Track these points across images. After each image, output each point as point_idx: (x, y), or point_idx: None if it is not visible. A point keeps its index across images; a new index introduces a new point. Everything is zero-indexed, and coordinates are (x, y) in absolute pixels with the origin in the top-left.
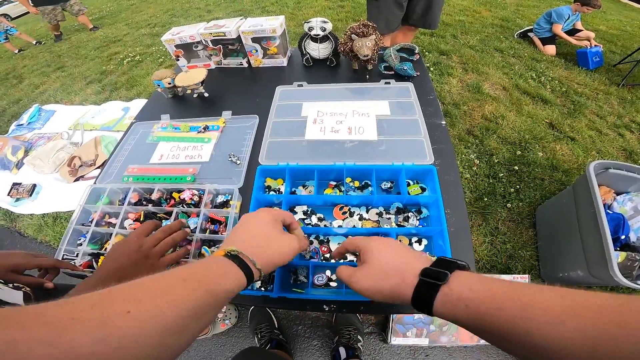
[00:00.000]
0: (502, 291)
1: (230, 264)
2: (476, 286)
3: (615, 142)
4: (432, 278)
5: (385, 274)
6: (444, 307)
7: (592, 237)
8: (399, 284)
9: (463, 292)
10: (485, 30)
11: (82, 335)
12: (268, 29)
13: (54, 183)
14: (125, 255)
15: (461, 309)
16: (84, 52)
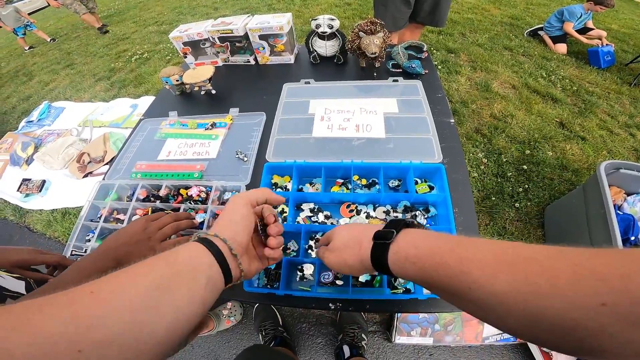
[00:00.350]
0: (446, 247)
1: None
2: (421, 243)
3: (626, 142)
4: (382, 239)
5: (346, 246)
6: (396, 265)
7: (602, 239)
8: (358, 252)
9: (409, 250)
10: (495, 28)
11: (48, 318)
12: (275, 26)
13: (63, 179)
14: (128, 234)
15: (409, 266)
16: (92, 50)
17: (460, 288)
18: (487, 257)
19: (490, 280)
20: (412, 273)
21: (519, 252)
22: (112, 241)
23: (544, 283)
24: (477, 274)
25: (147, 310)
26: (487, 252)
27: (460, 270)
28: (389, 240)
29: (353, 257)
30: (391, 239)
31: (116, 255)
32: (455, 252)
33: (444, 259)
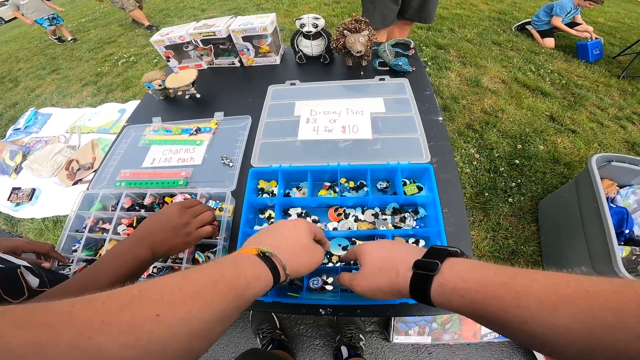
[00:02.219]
0: (498, 279)
1: (263, 267)
2: (468, 275)
3: (617, 134)
4: (424, 269)
5: (380, 272)
6: (441, 297)
7: (595, 232)
8: (394, 280)
9: (457, 282)
10: (483, 23)
11: (111, 340)
12: (259, 27)
13: (53, 187)
14: (164, 220)
15: (457, 298)
16: (78, 54)
17: (515, 322)
18: (545, 291)
19: (551, 315)
20: (458, 305)
21: (582, 285)
22: (148, 227)
23: (610, 316)
24: (534, 308)
25: (203, 339)
26: (546, 286)
27: (516, 304)
28: (434, 272)
29: (388, 284)
30: (436, 271)
31: (152, 243)
32: (510, 285)
33: (497, 292)
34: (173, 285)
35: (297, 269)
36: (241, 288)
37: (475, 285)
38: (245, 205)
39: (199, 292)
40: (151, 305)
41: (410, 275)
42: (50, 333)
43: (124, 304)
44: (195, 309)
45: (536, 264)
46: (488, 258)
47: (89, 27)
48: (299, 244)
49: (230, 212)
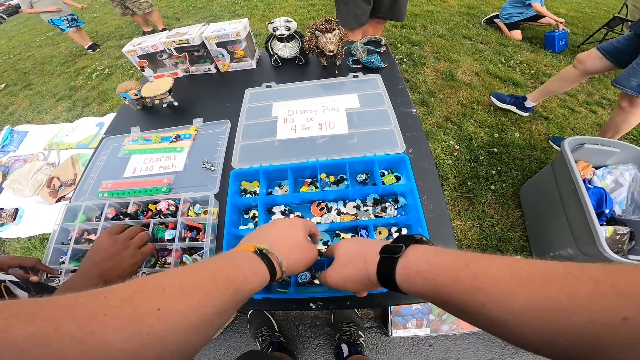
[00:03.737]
0: (458, 263)
1: (259, 263)
2: (432, 259)
3: (588, 118)
4: (390, 253)
5: (350, 261)
6: (404, 280)
7: (576, 214)
8: (362, 267)
9: (420, 265)
10: (453, 18)
11: (113, 333)
12: (232, 33)
13: (36, 205)
14: (103, 249)
15: (419, 281)
16: (49, 68)
17: (474, 305)
18: (502, 273)
19: (506, 296)
20: (421, 289)
21: (537, 268)
22: (91, 259)
23: (564, 298)
24: (491, 290)
25: (200, 333)
26: (503, 268)
27: (473, 286)
28: (398, 254)
29: (357, 272)
30: (400, 253)
31: (101, 271)
32: (469, 267)
33: (457, 274)
34: (174, 280)
35: (293, 265)
36: (239, 283)
37: (438, 268)
38: (228, 207)
39: (198, 287)
40: (152, 299)
41: (377, 261)
42: (54, 326)
43: (126, 297)
44: (194, 303)
45: (524, 249)
46: (476, 247)
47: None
48: (295, 241)
49: (214, 215)
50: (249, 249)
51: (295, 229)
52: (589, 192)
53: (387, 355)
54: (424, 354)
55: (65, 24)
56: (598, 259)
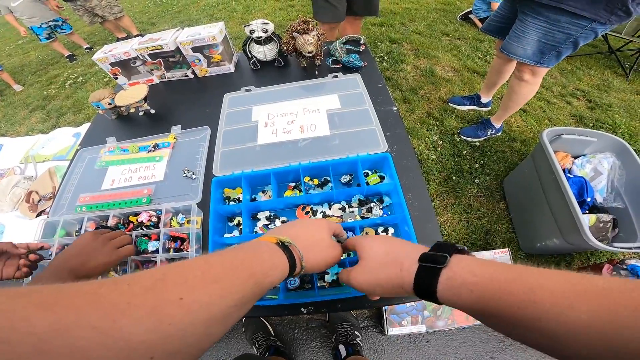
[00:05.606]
0: (507, 275)
1: (281, 255)
2: (479, 270)
3: (564, 109)
4: (432, 262)
5: (382, 265)
6: (448, 292)
7: (559, 203)
8: (397, 273)
9: (466, 277)
10: (431, 15)
11: (134, 323)
12: (207, 37)
13: (17, 221)
14: (77, 247)
15: (465, 293)
16: (20, 78)
17: (527, 319)
18: (561, 287)
19: (566, 311)
20: (466, 301)
21: (595, 282)
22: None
23: (627, 313)
24: (548, 304)
25: (220, 325)
26: (561, 282)
27: (528, 299)
28: (442, 264)
29: (390, 279)
30: (445, 264)
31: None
32: (523, 280)
33: (509, 287)
34: (196, 269)
35: (314, 261)
36: (260, 275)
37: (486, 280)
38: (212, 215)
39: (220, 277)
40: (175, 289)
41: (415, 269)
42: (75, 315)
43: (149, 286)
44: (216, 293)
45: (511, 241)
46: (465, 240)
47: (28, 49)
48: (318, 238)
49: (198, 224)
50: (271, 240)
51: (319, 228)
52: (570, 181)
53: (386, 353)
54: (422, 350)
55: (45, 35)
56: (584, 247)
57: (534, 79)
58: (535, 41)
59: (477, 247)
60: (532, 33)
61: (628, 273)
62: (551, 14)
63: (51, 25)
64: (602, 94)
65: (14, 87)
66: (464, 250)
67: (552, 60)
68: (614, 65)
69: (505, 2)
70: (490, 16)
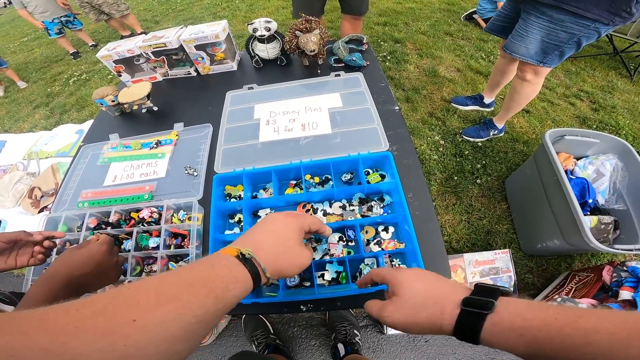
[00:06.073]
0: (561, 318)
1: (241, 268)
2: (529, 314)
3: (567, 110)
4: (476, 307)
5: (421, 306)
6: (494, 337)
7: (560, 204)
8: (438, 316)
9: (515, 321)
10: (434, 15)
11: (85, 345)
12: (210, 35)
13: (19, 217)
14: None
15: (514, 337)
16: (24, 75)
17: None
18: (616, 327)
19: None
20: (515, 344)
21: None
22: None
23: None
24: (605, 345)
25: (185, 342)
26: (615, 323)
27: (585, 342)
28: (488, 310)
29: (429, 320)
30: (491, 309)
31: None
32: (578, 324)
33: (564, 330)
34: (148, 290)
35: (279, 271)
36: (220, 290)
37: (538, 324)
38: (213, 212)
39: (175, 296)
40: (126, 311)
41: (457, 313)
42: (24, 338)
43: (98, 309)
44: (172, 312)
45: (512, 242)
46: (466, 240)
47: (32, 46)
48: (284, 245)
49: (199, 221)
50: (231, 253)
51: (288, 232)
52: (572, 183)
53: (384, 353)
54: (421, 350)
55: (56, 30)
56: (585, 248)
57: (537, 79)
58: (538, 40)
59: (477, 248)
60: (535, 32)
61: (628, 275)
62: (554, 13)
63: (63, 20)
64: (606, 96)
65: (18, 84)
66: (507, 292)
67: (554, 60)
68: (618, 67)
69: (508, 2)
70: (494, 16)
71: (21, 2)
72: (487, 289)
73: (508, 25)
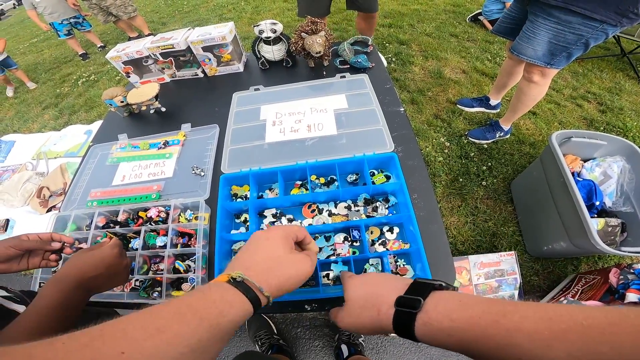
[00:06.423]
0: (485, 318)
1: (235, 292)
2: (456, 314)
3: (574, 112)
4: (407, 307)
5: (362, 309)
6: (426, 336)
7: (567, 207)
8: (376, 317)
9: (443, 322)
10: (439, 17)
11: None
12: (217, 37)
13: (27, 216)
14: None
15: (444, 337)
16: (33, 76)
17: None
18: (538, 327)
19: (544, 351)
20: (446, 343)
21: (575, 319)
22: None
23: (608, 350)
24: (527, 346)
25: None
26: (538, 321)
27: (508, 343)
28: (416, 309)
29: (370, 321)
30: (418, 309)
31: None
32: (500, 323)
33: (488, 331)
34: (136, 321)
35: (279, 286)
36: (213, 317)
37: (463, 325)
38: (219, 212)
39: (164, 326)
40: (114, 343)
41: (392, 313)
42: None
43: (85, 343)
44: (163, 343)
45: (517, 244)
46: (471, 242)
47: (42, 47)
48: (273, 258)
49: (206, 220)
50: (222, 280)
51: (273, 244)
52: (579, 185)
53: (388, 354)
54: (424, 352)
55: (65, 31)
56: (591, 250)
57: (544, 80)
58: (545, 42)
59: (483, 250)
60: (543, 34)
61: (635, 277)
62: (562, 15)
63: (72, 22)
64: (614, 97)
65: (28, 85)
66: (441, 286)
67: (562, 62)
68: (626, 68)
69: (515, 3)
70: (501, 17)
71: (31, 3)
72: (420, 285)
73: (515, 27)
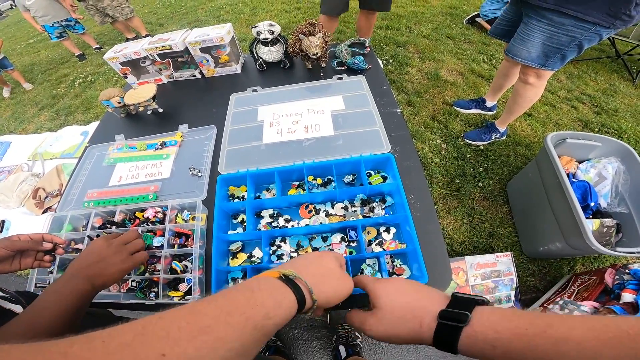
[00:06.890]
0: (534, 329)
1: (285, 290)
2: (501, 325)
3: (569, 114)
4: (452, 320)
5: (401, 319)
6: (470, 348)
7: (562, 208)
8: (417, 329)
9: (488, 333)
10: (436, 19)
11: None
12: (215, 38)
13: (23, 217)
14: (94, 254)
15: (488, 349)
16: (29, 77)
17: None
18: (585, 336)
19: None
20: (490, 355)
21: (621, 328)
22: (81, 261)
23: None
24: (575, 356)
25: None
26: (585, 331)
27: (555, 352)
28: (463, 323)
29: (409, 333)
30: (466, 322)
31: (89, 275)
32: (547, 334)
33: (534, 342)
34: (180, 320)
35: (327, 294)
36: (259, 318)
37: (509, 335)
38: (216, 212)
39: (209, 326)
40: (156, 344)
41: (435, 326)
42: None
43: (126, 342)
44: (206, 345)
45: (514, 245)
46: (467, 244)
47: (38, 48)
48: (326, 269)
49: (203, 221)
50: (273, 275)
51: (327, 258)
52: (574, 186)
53: (386, 355)
54: (422, 353)
55: (56, 34)
56: (587, 251)
57: (539, 82)
58: (539, 44)
59: (479, 251)
60: (537, 36)
61: (631, 277)
62: (555, 17)
63: (63, 24)
64: (609, 99)
65: (24, 86)
66: (483, 302)
67: (556, 63)
68: (620, 70)
69: (511, 6)
70: (497, 20)
71: (24, 5)
72: (463, 299)
73: (511, 29)
